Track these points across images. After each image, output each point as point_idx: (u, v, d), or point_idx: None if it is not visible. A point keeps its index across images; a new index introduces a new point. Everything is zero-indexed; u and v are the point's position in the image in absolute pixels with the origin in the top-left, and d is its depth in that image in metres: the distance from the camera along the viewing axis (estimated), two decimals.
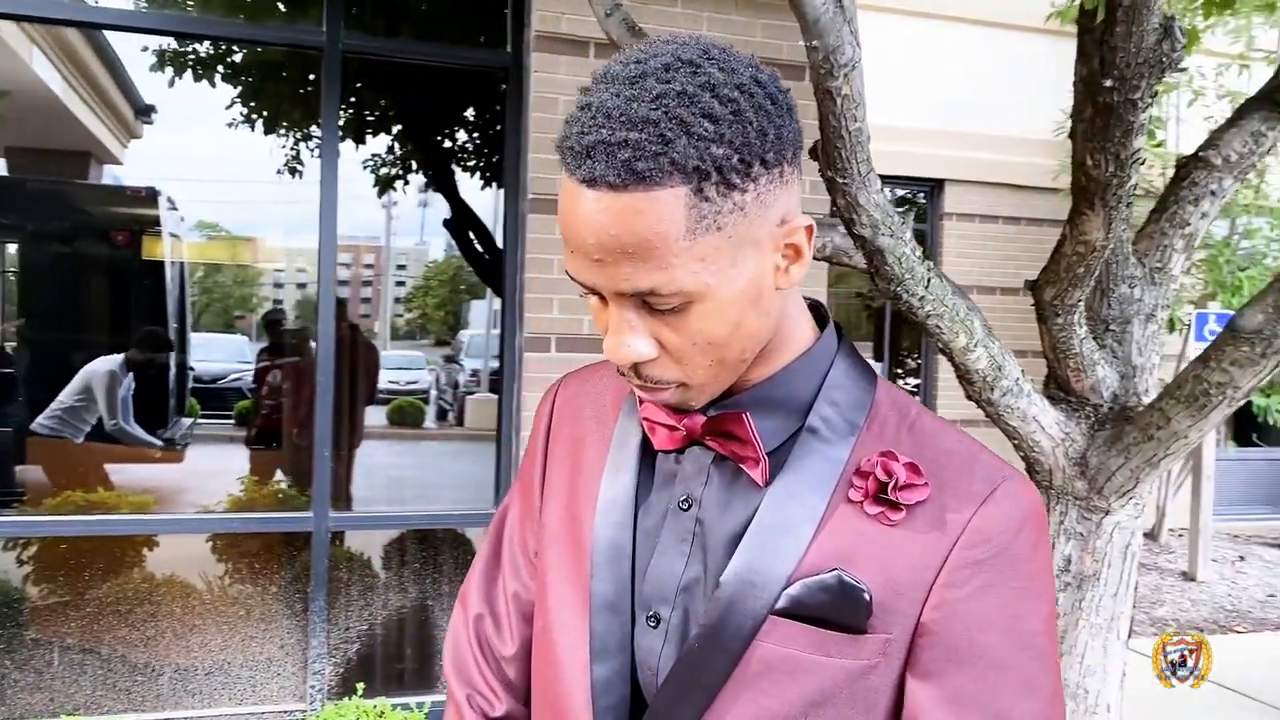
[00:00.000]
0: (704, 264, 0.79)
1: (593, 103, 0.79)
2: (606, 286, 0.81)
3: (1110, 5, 2.13)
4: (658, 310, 0.81)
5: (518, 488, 1.12)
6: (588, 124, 0.78)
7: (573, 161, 0.78)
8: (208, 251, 7.09)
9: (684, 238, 0.77)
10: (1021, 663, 0.83)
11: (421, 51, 4.05)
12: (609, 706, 0.93)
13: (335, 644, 4.00)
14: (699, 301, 0.80)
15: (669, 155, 0.75)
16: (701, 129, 0.76)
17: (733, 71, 0.79)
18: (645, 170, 0.75)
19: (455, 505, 4.21)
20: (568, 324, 3.84)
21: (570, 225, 0.80)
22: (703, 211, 0.77)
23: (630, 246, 0.77)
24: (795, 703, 0.85)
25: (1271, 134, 2.95)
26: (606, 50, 3.83)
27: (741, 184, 0.78)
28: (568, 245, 0.82)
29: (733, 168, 0.77)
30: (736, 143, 0.77)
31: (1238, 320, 2.53)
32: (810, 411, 0.91)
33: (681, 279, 0.78)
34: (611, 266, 0.79)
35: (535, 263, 3.81)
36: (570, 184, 0.79)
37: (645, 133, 0.75)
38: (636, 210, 0.76)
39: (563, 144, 0.80)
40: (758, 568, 0.87)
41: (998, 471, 0.87)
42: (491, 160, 4.97)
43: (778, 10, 4.01)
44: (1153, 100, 2.20)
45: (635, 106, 0.76)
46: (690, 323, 0.81)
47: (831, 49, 1.91)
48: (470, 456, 7.49)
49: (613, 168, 0.76)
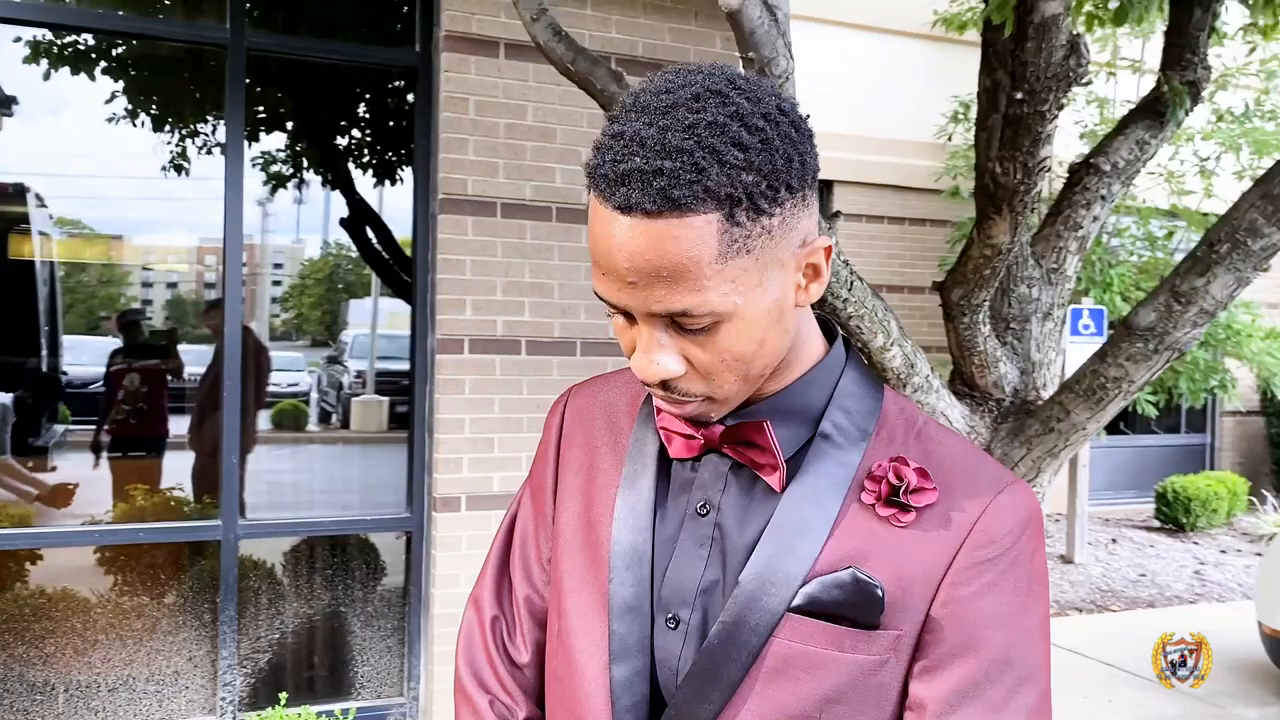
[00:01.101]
0: (734, 285, 0.82)
1: (625, 131, 0.82)
2: (638, 308, 0.84)
3: (1021, 22, 2.25)
4: (687, 329, 0.85)
5: (528, 494, 1.14)
6: (621, 152, 0.81)
7: (607, 189, 0.81)
8: (79, 250, 6.79)
9: (716, 261, 0.80)
10: (1022, 659, 0.89)
11: (328, 50, 3.98)
12: (629, 706, 0.96)
13: (246, 654, 3.91)
14: (728, 321, 0.84)
15: (703, 183, 0.79)
16: (733, 157, 0.79)
17: (758, 101, 0.83)
18: (681, 198, 0.78)
19: (367, 510, 4.15)
20: (481, 325, 3.83)
21: (603, 249, 0.83)
22: (734, 236, 0.80)
23: (664, 270, 0.80)
24: (811, 698, 0.89)
25: (1154, 141, 3.15)
26: (519, 51, 3.84)
27: (769, 209, 0.82)
28: (598, 268, 0.85)
29: (761, 194, 0.81)
30: (765, 170, 0.81)
31: (1132, 319, 2.69)
32: (822, 419, 0.95)
33: (713, 300, 0.82)
34: (644, 289, 0.82)
35: (447, 263, 3.79)
36: (603, 210, 0.82)
37: (680, 161, 0.79)
38: (671, 236, 0.79)
39: (595, 171, 0.82)
40: (775, 567, 0.91)
41: (1001, 477, 0.93)
42: (390, 159, 4.91)
43: (684, 15, 4.08)
44: (1059, 112, 2.34)
45: (669, 136, 0.79)
46: (719, 341, 0.85)
47: (767, 60, 1.98)
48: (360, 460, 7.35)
49: (648, 195, 0.79)
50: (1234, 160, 7.32)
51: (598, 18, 3.96)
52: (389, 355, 8.18)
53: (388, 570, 4.19)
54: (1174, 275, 2.61)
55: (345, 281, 7.94)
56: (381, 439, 3.97)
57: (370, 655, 4.08)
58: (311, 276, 8.73)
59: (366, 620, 4.14)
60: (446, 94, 3.77)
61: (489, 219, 3.84)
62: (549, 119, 3.90)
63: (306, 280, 8.85)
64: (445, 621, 3.79)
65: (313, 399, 8.32)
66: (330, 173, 5.33)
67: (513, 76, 3.84)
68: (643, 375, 0.88)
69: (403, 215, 4.49)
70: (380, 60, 4.04)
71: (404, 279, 4.74)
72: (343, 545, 4.15)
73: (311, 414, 7.92)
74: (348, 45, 4.00)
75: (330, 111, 4.67)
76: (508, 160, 3.85)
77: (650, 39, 4.02)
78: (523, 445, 3.89)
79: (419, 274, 3.92)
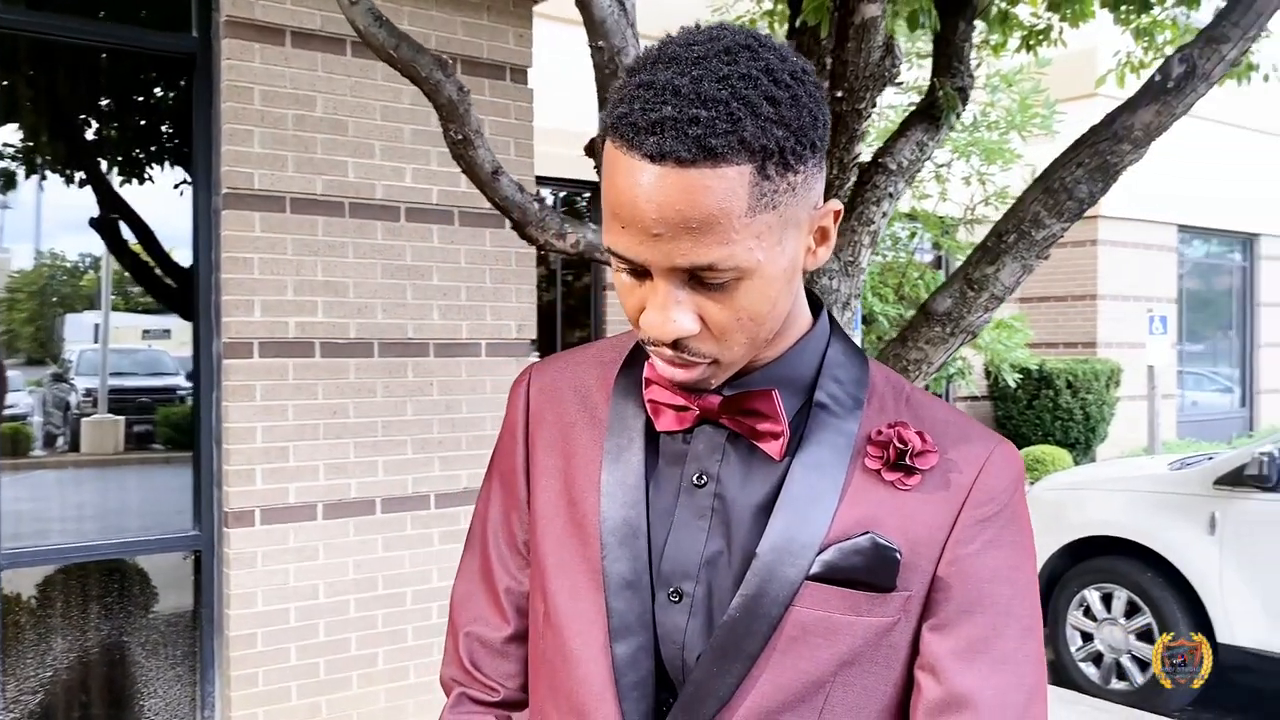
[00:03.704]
0: (759, 241, 0.82)
1: (656, 80, 0.80)
2: (660, 262, 0.83)
3: (842, 24, 2.37)
4: (706, 286, 0.84)
5: (496, 481, 1.10)
6: (652, 100, 0.79)
7: (636, 137, 0.79)
8: None
9: (745, 214, 0.81)
10: (1024, 609, 0.94)
11: (90, 31, 3.65)
12: (634, 683, 0.94)
13: (14, 696, 3.51)
14: (748, 278, 0.84)
15: (738, 134, 0.78)
16: (767, 111, 0.80)
17: (784, 59, 0.84)
18: (717, 146, 0.78)
19: (147, 531, 3.83)
20: (271, 326, 3.63)
21: (627, 200, 0.81)
22: (763, 190, 0.81)
23: (694, 221, 0.80)
24: (828, 662, 0.91)
25: (931, 143, 3.39)
26: (306, 40, 3.66)
27: (796, 165, 0.82)
28: (618, 220, 0.83)
29: (791, 149, 0.81)
30: (794, 126, 0.82)
31: (930, 304, 2.90)
32: (815, 389, 0.96)
33: (739, 254, 0.82)
34: (669, 241, 0.81)
35: (232, 262, 3.57)
36: (629, 159, 0.80)
37: (715, 111, 0.78)
38: (704, 186, 0.79)
39: (623, 120, 0.81)
40: (792, 536, 0.91)
41: (990, 437, 0.98)
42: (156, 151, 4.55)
43: (477, 9, 4.03)
44: (873, 110, 2.48)
45: (704, 85, 0.79)
46: (738, 298, 0.85)
47: (617, 49, 1.99)
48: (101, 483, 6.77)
49: (683, 143, 0.78)
50: (965, 166, 8.02)
51: (389, 8, 3.83)
52: (123, 371, 7.61)
53: (174, 593, 3.88)
54: (967, 264, 2.83)
55: (60, 294, 7.30)
56: (117, 460, 3.67)
57: (158, 686, 3.77)
58: (23, 289, 7.96)
59: (153, 649, 3.82)
60: (229, 83, 3.54)
61: (278, 214, 3.64)
62: (341, 110, 3.74)
63: (16, 294, 8.06)
64: (242, 643, 3.56)
65: (35, 421, 7.60)
66: (80, 169, 4.88)
67: (300, 66, 3.66)
68: (657, 333, 0.86)
69: (172, 213, 4.17)
70: (153, 45, 3.74)
71: (168, 283, 4.41)
72: (120, 571, 3.81)
73: (37, 437, 7.24)
74: (116, 28, 3.68)
75: (89, 100, 4.28)
76: (297, 153, 3.66)
77: (443, 32, 3.94)
78: (320, 453, 3.72)
79: (201, 274, 3.66)
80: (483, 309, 4.09)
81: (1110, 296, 12.48)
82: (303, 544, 3.69)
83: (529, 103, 4.18)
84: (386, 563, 3.86)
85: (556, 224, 2.55)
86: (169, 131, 4.25)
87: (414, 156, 3.91)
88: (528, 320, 4.23)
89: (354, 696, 3.79)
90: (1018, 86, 8.14)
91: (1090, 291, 12.44)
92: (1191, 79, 2.29)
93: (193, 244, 3.70)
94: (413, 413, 3.93)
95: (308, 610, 3.69)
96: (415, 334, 3.93)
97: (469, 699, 1.08)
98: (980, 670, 0.91)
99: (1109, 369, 11.52)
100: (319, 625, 3.72)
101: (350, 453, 3.78)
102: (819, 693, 0.91)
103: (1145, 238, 12.85)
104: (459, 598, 1.12)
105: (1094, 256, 12.36)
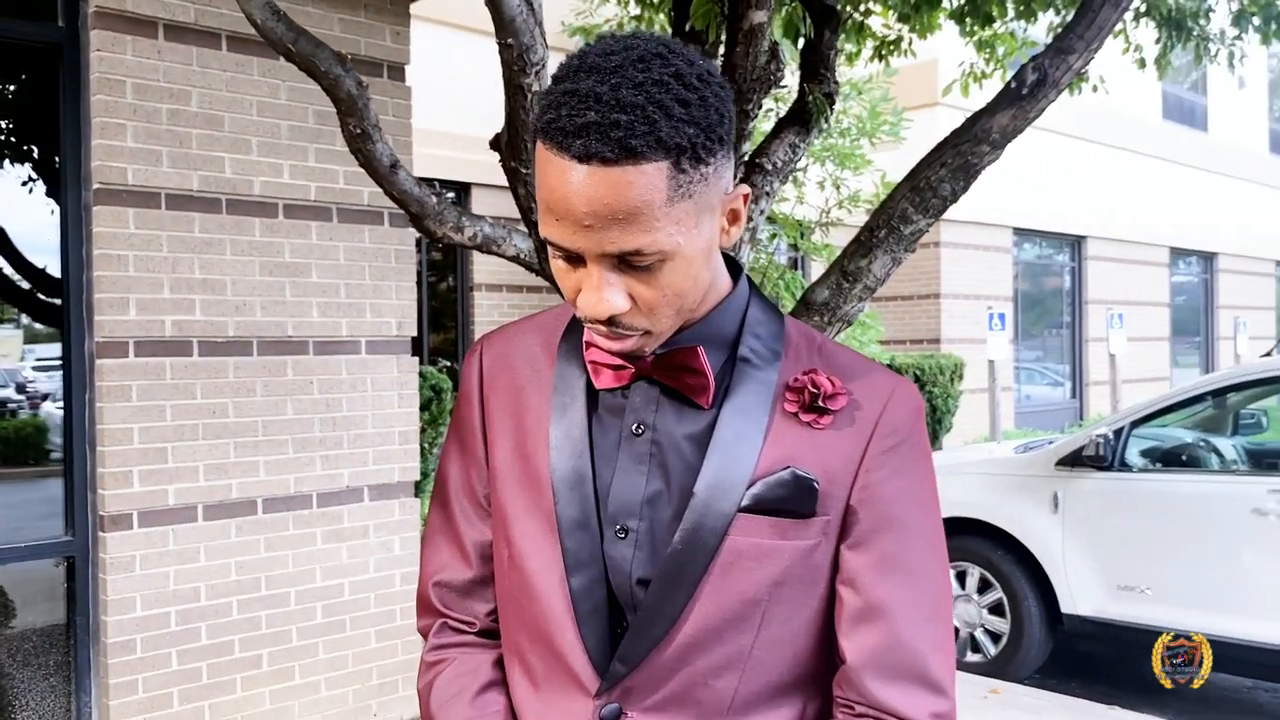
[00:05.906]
0: (678, 226, 0.95)
1: (579, 89, 0.92)
2: (592, 249, 0.94)
3: (732, 29, 2.51)
4: (634, 268, 0.96)
5: (454, 443, 1.21)
6: (577, 107, 0.91)
7: (565, 141, 0.91)
8: None
9: (665, 204, 0.93)
10: (929, 526, 1.10)
11: None
12: (590, 610, 1.07)
13: None
14: (670, 260, 0.96)
15: (655, 134, 0.90)
16: (678, 112, 0.92)
17: (691, 64, 0.96)
18: (637, 147, 0.90)
19: (10, 538, 3.67)
20: (147, 325, 3.55)
21: (560, 196, 0.92)
22: (679, 182, 0.93)
23: (620, 213, 0.92)
24: (762, 583, 1.05)
25: (802, 145, 3.58)
26: (179, 33, 3.60)
27: (706, 158, 0.95)
28: (552, 214, 0.94)
29: (701, 145, 0.94)
30: (703, 124, 0.94)
31: (810, 295, 3.07)
32: (738, 344, 1.10)
33: (661, 240, 0.94)
34: (599, 231, 0.93)
35: (105, 259, 3.48)
36: (559, 160, 0.92)
37: (634, 115, 0.90)
38: (627, 181, 0.91)
39: (551, 125, 0.92)
40: (724, 475, 1.05)
41: (890, 377, 1.12)
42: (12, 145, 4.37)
43: (354, 6, 4.02)
44: (760, 111, 2.63)
45: (621, 93, 0.91)
46: (662, 278, 0.97)
47: (525, 48, 2.07)
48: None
49: (607, 145, 0.90)
50: (820, 170, 8.36)
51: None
52: None
53: (45, 601, 3.74)
54: (843, 257, 3.01)
55: None
56: None
57: (29, 699, 3.63)
58: None
59: (24, 660, 3.67)
60: (99, 75, 3.45)
61: (153, 211, 3.57)
62: (216, 105, 3.69)
63: None
64: (120, 650, 3.47)
65: None
66: None
67: (174, 60, 3.60)
68: (592, 312, 0.97)
69: (25, 210, 4.02)
70: (15, 35, 3.60)
71: (19, 286, 4.23)
72: None
73: None
74: None
75: None
76: (172, 148, 3.59)
77: (320, 28, 3.92)
78: (199, 454, 3.65)
79: (72, 272, 3.55)
80: (362, 306, 4.08)
81: (952, 295, 13.18)
82: (183, 546, 3.61)
83: (407, 100, 4.19)
84: (269, 563, 3.82)
85: (454, 217, 2.61)
86: (24, 126, 4.10)
87: (291, 153, 3.88)
88: (408, 317, 4.24)
89: (238, 700, 3.74)
90: (867, 95, 8.54)
91: (935, 291, 13.10)
92: (1044, 86, 2.53)
93: (62, 241, 3.58)
94: (293, 411, 3.90)
95: (189, 613, 3.62)
96: (295, 332, 3.90)
97: (450, 628, 1.20)
98: (893, 581, 1.06)
99: (953, 364, 12.14)
100: (201, 628, 3.65)
101: (230, 453, 3.73)
102: (755, 609, 1.04)
103: (984, 240, 13.61)
104: (427, 553, 1.23)
105: (938, 258, 13.03)
